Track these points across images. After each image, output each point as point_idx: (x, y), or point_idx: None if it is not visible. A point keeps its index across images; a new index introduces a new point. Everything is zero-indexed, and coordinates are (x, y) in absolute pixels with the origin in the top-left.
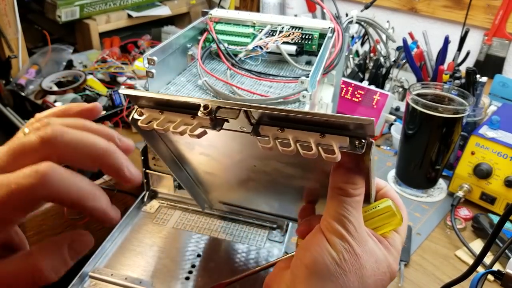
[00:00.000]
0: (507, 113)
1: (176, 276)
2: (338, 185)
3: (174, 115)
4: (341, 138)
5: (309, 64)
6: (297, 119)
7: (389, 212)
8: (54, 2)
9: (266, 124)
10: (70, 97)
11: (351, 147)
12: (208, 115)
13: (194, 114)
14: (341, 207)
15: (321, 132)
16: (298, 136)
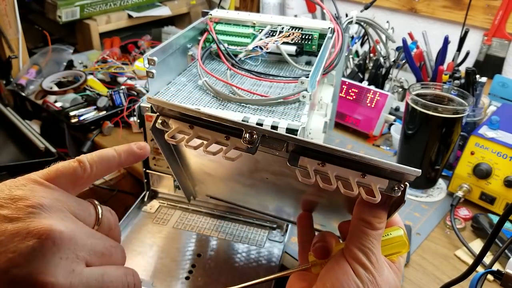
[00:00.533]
0: (506, 113)
1: (176, 276)
2: (364, 218)
3: (205, 132)
4: (381, 180)
5: (309, 64)
6: (340, 157)
7: (401, 242)
8: (55, 2)
9: (305, 155)
10: (71, 97)
11: (389, 189)
12: (251, 144)
13: (229, 134)
14: (366, 240)
15: (362, 172)
16: (339, 173)
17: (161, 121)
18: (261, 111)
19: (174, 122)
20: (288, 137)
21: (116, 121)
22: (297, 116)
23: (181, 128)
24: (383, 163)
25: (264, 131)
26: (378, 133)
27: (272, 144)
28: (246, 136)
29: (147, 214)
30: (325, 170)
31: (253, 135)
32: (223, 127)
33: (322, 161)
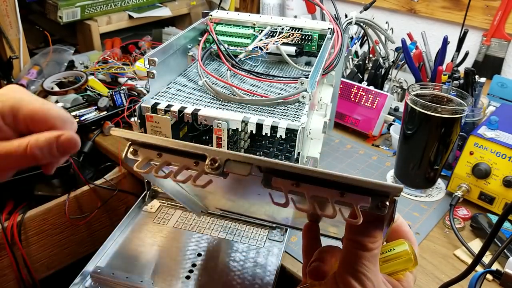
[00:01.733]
0: (505, 114)
1: (177, 275)
2: (355, 238)
3: (174, 158)
4: (363, 198)
5: (308, 64)
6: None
7: (406, 258)
8: (55, 3)
9: (279, 176)
10: (71, 98)
11: (373, 207)
12: (216, 170)
13: (198, 159)
14: (358, 263)
15: (340, 191)
16: (315, 192)
17: (132, 150)
18: (261, 111)
19: (143, 151)
20: (254, 159)
21: (117, 121)
22: (297, 116)
23: (150, 156)
24: (360, 181)
25: (228, 155)
26: (377, 133)
27: (237, 169)
28: (208, 163)
29: (147, 214)
30: (300, 191)
31: (216, 161)
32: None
33: (296, 181)
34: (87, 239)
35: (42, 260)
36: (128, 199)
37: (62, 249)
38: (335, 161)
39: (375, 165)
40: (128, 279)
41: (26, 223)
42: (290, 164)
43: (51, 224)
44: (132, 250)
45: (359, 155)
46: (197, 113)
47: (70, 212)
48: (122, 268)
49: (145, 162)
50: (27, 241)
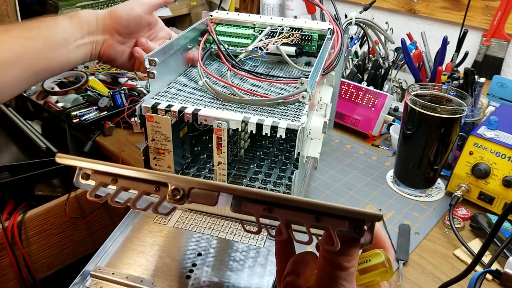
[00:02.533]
0: (505, 114)
1: (177, 275)
2: (331, 258)
3: (132, 183)
4: (340, 223)
5: (308, 65)
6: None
7: (382, 270)
8: (56, 3)
9: (249, 201)
10: (72, 98)
11: (350, 231)
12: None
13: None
14: (335, 284)
15: (316, 215)
16: (289, 217)
17: (82, 175)
18: (261, 112)
19: (95, 175)
20: (221, 187)
21: (117, 121)
22: (297, 116)
23: (104, 181)
24: (338, 209)
25: (192, 183)
26: (377, 133)
27: (203, 198)
28: (170, 193)
29: (147, 214)
30: (273, 215)
31: (179, 191)
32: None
33: (268, 205)
34: (87, 239)
35: (42, 260)
36: None
37: (63, 249)
38: (335, 161)
39: (375, 165)
40: (128, 279)
41: (27, 223)
42: (260, 192)
43: (51, 224)
44: (132, 250)
45: (359, 155)
46: (197, 113)
47: (70, 212)
48: (122, 268)
49: (99, 188)
50: (28, 241)
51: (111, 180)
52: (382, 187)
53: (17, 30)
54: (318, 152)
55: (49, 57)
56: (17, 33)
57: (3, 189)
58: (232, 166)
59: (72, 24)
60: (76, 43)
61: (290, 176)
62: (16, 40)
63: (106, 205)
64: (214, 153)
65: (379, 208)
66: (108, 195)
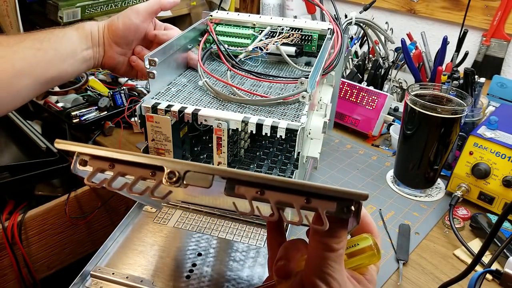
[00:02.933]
0: (505, 114)
1: (177, 275)
2: (321, 240)
3: (128, 169)
4: (328, 203)
5: (308, 65)
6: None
7: (370, 253)
8: (56, 3)
9: (242, 183)
10: (72, 98)
11: (338, 212)
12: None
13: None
14: (324, 265)
15: (306, 197)
16: (280, 199)
17: (80, 160)
18: (261, 112)
19: (93, 161)
20: (214, 170)
21: (117, 121)
22: (297, 116)
23: (101, 167)
24: (324, 188)
25: (187, 166)
26: (377, 133)
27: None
28: (165, 177)
29: (148, 214)
30: (265, 198)
31: (174, 174)
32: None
33: (261, 188)
34: (87, 239)
35: (42, 260)
36: (128, 199)
37: (63, 249)
38: (335, 161)
39: (375, 165)
40: (128, 279)
41: (27, 223)
42: (252, 174)
43: (51, 224)
44: (132, 250)
45: (359, 155)
46: (197, 113)
47: (70, 212)
48: (122, 268)
49: (96, 174)
50: (28, 241)
51: (108, 166)
52: (382, 187)
53: (29, 41)
54: (318, 152)
55: (58, 67)
56: (29, 44)
57: (3, 189)
58: (232, 166)
59: (79, 36)
60: (82, 54)
61: (290, 176)
62: (28, 51)
63: (106, 205)
64: (214, 153)
65: (379, 208)
66: (105, 180)
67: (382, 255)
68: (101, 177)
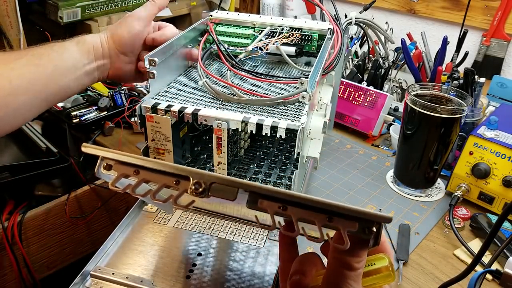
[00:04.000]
0: (505, 114)
1: (177, 275)
2: (341, 258)
3: (153, 176)
4: (350, 223)
5: (308, 65)
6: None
7: (386, 273)
8: (56, 3)
9: (265, 197)
10: (72, 98)
11: (359, 231)
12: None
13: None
14: (344, 282)
15: (328, 216)
16: (302, 215)
17: (105, 164)
18: (261, 112)
19: (118, 166)
20: (240, 184)
21: (117, 121)
22: (297, 116)
23: (126, 172)
24: (349, 209)
25: (213, 178)
26: (377, 133)
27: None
28: (192, 187)
29: (148, 214)
30: (287, 213)
31: (201, 185)
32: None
33: (283, 204)
34: (88, 239)
35: (42, 259)
36: (129, 199)
37: (63, 249)
38: (335, 161)
39: (375, 165)
40: (128, 279)
41: (27, 223)
42: (276, 189)
43: (51, 224)
44: (132, 250)
45: (359, 155)
46: (197, 113)
47: (70, 212)
48: (122, 268)
49: (120, 179)
50: (28, 241)
51: (133, 172)
52: (382, 187)
53: (27, 57)
54: (318, 152)
55: (58, 83)
56: (26, 61)
57: (3, 189)
58: (232, 166)
59: (80, 50)
60: (84, 68)
61: (290, 176)
62: (26, 67)
63: (106, 205)
64: (214, 153)
65: (379, 208)
66: (129, 186)
67: None
68: (125, 183)
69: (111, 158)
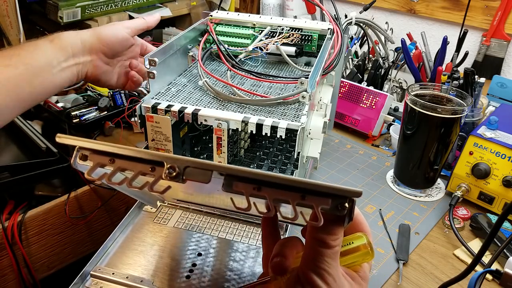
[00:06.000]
0: (505, 114)
1: (177, 275)
2: (318, 237)
3: (128, 164)
4: (323, 200)
5: (308, 65)
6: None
7: (364, 251)
8: (56, 3)
9: (240, 180)
10: (72, 98)
11: (333, 208)
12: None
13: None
14: (321, 260)
15: (302, 194)
16: (277, 196)
17: (80, 155)
18: (261, 112)
19: (93, 156)
20: (214, 166)
21: (117, 121)
22: (297, 116)
23: (102, 162)
24: (319, 185)
25: (186, 162)
26: (377, 133)
27: (197, 176)
28: (166, 171)
29: (148, 214)
30: (262, 194)
31: (174, 169)
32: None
33: (258, 185)
34: (88, 239)
35: (42, 260)
36: (129, 199)
37: (63, 249)
38: (335, 161)
39: (375, 165)
40: (128, 279)
41: (27, 223)
42: (250, 170)
43: (51, 224)
44: (132, 250)
45: (359, 155)
46: (197, 113)
47: (70, 212)
48: (122, 268)
49: (96, 169)
50: (28, 241)
51: (108, 161)
52: (382, 187)
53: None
54: (318, 152)
55: (32, 83)
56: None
57: (3, 189)
58: None
59: (54, 47)
60: (60, 66)
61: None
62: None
63: (106, 205)
64: (214, 153)
65: (379, 208)
66: (105, 175)
67: (382, 255)
68: (101, 172)
69: (86, 147)
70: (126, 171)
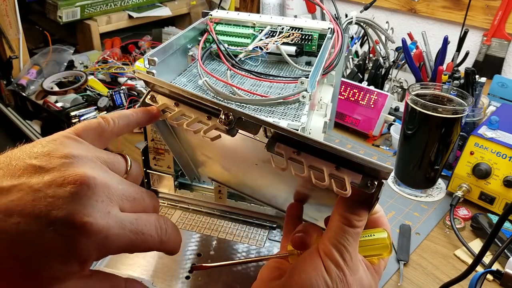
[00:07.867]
0: (506, 113)
1: (177, 276)
2: (343, 214)
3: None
4: (355, 175)
5: (308, 64)
6: (316, 148)
7: (383, 245)
8: (55, 2)
9: (282, 142)
10: (71, 98)
11: (362, 185)
12: (227, 125)
13: (211, 115)
14: (342, 237)
15: (336, 165)
16: (313, 163)
17: (150, 96)
18: (261, 111)
19: (161, 98)
20: (263, 122)
21: None
22: (297, 116)
23: (167, 104)
24: (355, 156)
25: (240, 114)
26: (377, 133)
27: (248, 127)
28: (222, 117)
29: None
30: (300, 159)
31: (229, 116)
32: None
33: (298, 149)
34: None
35: None
36: None
37: None
38: None
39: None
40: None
41: None
42: (295, 131)
43: None
44: None
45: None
46: None
47: None
48: (122, 268)
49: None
50: None
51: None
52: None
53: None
54: None
55: None
56: None
57: None
58: None
59: None
60: None
61: None
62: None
63: None
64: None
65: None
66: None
67: None
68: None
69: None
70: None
